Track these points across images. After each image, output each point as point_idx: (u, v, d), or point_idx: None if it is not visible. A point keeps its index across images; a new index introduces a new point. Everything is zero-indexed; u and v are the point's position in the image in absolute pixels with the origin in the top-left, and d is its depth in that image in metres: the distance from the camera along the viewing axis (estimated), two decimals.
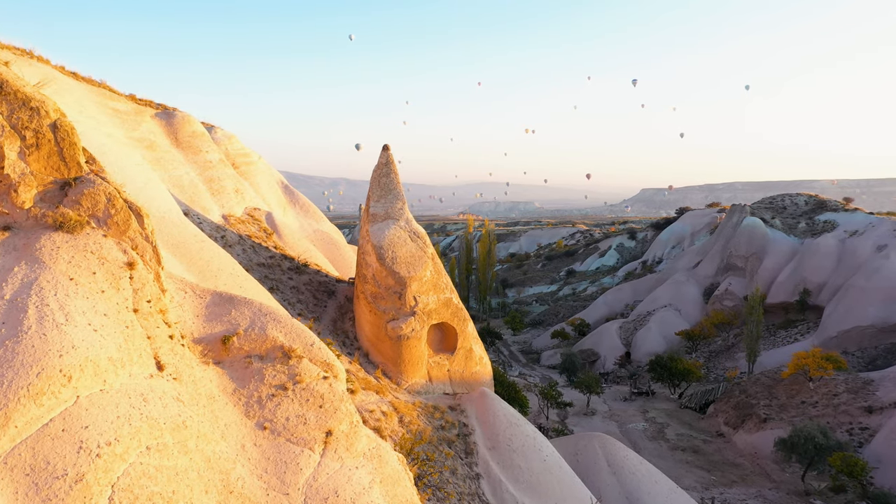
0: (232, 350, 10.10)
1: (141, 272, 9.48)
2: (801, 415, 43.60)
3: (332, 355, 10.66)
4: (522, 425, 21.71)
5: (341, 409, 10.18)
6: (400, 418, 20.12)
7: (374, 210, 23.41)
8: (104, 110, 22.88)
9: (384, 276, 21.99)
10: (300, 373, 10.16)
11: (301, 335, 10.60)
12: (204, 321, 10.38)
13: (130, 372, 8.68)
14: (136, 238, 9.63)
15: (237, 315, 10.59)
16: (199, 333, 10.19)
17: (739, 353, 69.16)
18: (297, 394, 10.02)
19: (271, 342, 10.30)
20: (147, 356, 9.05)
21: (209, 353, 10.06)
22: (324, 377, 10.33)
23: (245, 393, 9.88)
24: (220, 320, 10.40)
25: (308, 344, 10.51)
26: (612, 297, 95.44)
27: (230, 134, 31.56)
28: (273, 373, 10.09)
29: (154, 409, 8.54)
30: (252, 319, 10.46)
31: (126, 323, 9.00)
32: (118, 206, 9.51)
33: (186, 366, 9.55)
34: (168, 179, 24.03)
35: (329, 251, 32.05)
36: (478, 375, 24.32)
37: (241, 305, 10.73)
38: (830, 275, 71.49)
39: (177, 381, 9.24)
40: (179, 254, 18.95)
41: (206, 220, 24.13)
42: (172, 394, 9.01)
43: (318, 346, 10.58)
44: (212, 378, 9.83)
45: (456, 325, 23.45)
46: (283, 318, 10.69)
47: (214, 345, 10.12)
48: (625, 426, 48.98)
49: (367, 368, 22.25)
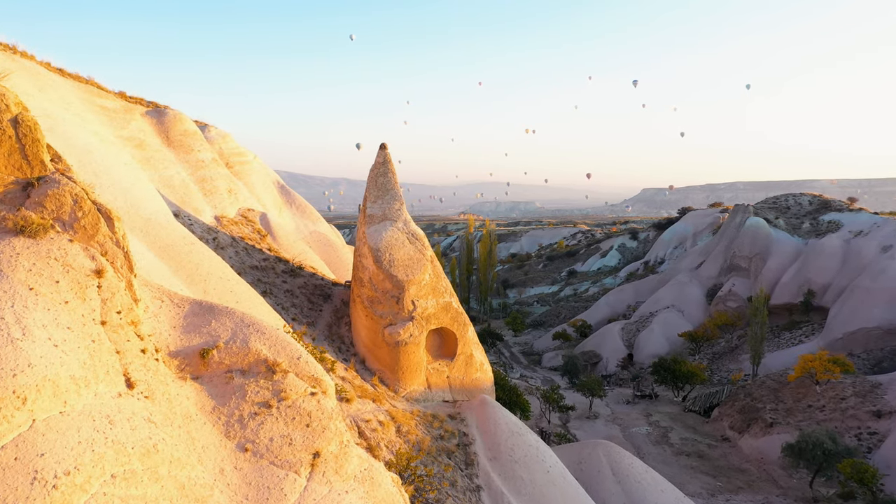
0: (211, 364, 9.32)
1: (111, 280, 8.69)
2: (808, 419, 42.78)
3: (320, 369, 9.87)
4: (525, 434, 20.91)
5: (330, 428, 9.39)
6: (397, 428, 19.34)
7: (371, 211, 22.61)
8: (91, 108, 22.11)
9: (381, 280, 21.19)
10: (285, 389, 9.37)
11: (287, 348, 9.80)
12: (181, 333, 9.59)
13: (95, 391, 7.89)
14: (106, 243, 8.84)
15: (218, 326, 9.79)
16: (175, 346, 9.40)
17: (743, 354, 68.35)
18: (282, 412, 9.22)
19: (254, 355, 9.51)
20: (115, 373, 8.26)
21: (186, 368, 9.27)
22: (311, 393, 9.54)
23: (225, 411, 9.09)
24: (199, 332, 9.61)
25: (294, 357, 9.72)
26: (613, 297, 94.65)
27: (224, 132, 30.77)
28: (256, 389, 9.30)
29: (121, 432, 7.74)
30: (234, 331, 9.67)
31: (92, 337, 8.20)
32: (86, 208, 8.72)
33: (160, 382, 8.75)
34: (158, 179, 23.26)
35: (326, 253, 31.25)
36: (478, 382, 23.52)
37: (222, 315, 9.93)
38: (835, 276, 70.69)
39: (149, 400, 8.45)
40: (167, 257, 18.18)
41: (198, 221, 23.35)
42: (143, 414, 8.22)
43: (305, 359, 9.79)
44: (189, 395, 9.04)
45: (456, 331, 22.65)
46: (267, 330, 9.89)
47: (192, 359, 9.33)
48: (628, 430, 48.18)
49: (364, 375, 21.46)
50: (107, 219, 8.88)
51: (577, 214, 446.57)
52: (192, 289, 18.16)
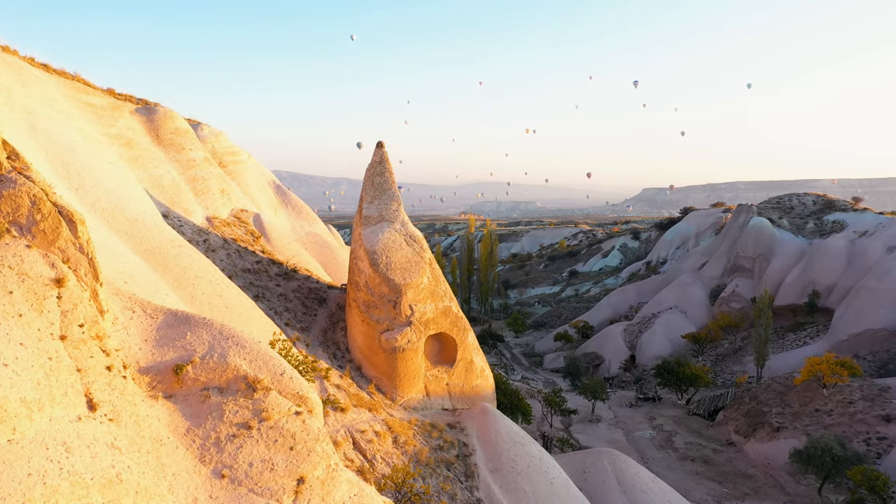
0: (186, 381, 8.51)
1: (72, 290, 7.88)
2: (816, 423, 41.89)
3: (306, 386, 9.05)
4: (527, 444, 20.07)
5: (316, 451, 8.58)
6: (394, 438, 18.52)
7: (368, 212, 21.78)
8: (77, 105, 21.29)
9: (378, 284, 20.36)
10: (267, 408, 8.56)
11: (269, 362, 8.99)
12: (153, 346, 8.78)
13: (51, 415, 7.08)
14: (68, 249, 8.02)
15: (193, 339, 8.98)
16: (146, 362, 8.60)
17: (747, 356, 67.48)
18: (264, 433, 8.42)
19: (233, 371, 8.70)
20: (75, 393, 7.44)
21: (158, 386, 8.47)
22: (296, 413, 8.73)
23: (200, 433, 8.28)
24: (173, 345, 8.80)
25: (277, 373, 8.91)
26: (615, 298, 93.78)
27: (218, 131, 29.92)
28: (234, 408, 8.49)
29: (79, 460, 6.93)
30: (211, 344, 8.86)
31: (49, 353, 7.38)
32: (45, 210, 7.90)
33: (128, 403, 7.94)
34: (147, 179, 22.44)
35: (322, 255, 30.42)
36: (479, 389, 22.69)
37: (199, 327, 9.12)
38: (840, 276, 69.83)
39: (113, 423, 7.63)
40: (153, 260, 17.36)
41: (188, 222, 22.53)
42: (106, 439, 7.40)
43: (289, 375, 8.97)
44: (160, 416, 8.23)
45: (455, 336, 21.82)
46: (248, 343, 9.08)
47: (165, 375, 8.53)
48: (631, 434, 47.30)
49: (360, 383, 20.64)
50: (69, 222, 8.07)
51: (578, 214, 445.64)
52: (179, 293, 17.34)
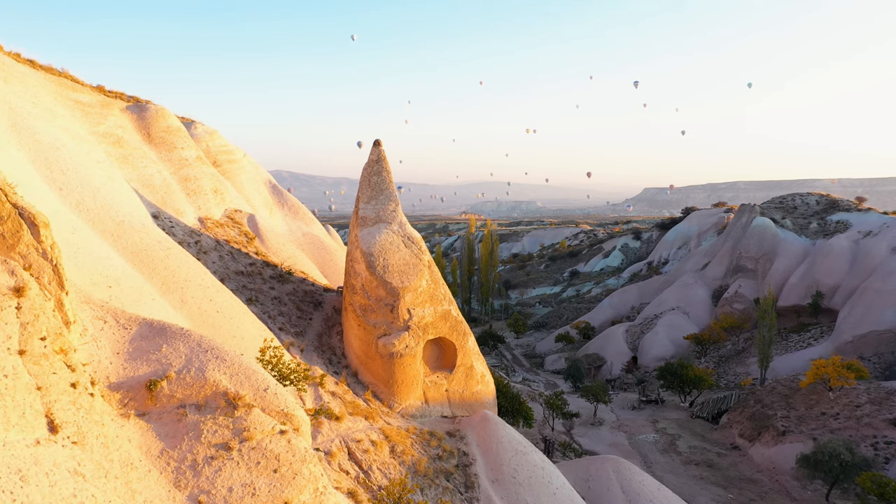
0: (160, 398, 7.84)
1: (34, 300, 7.19)
2: (822, 427, 41.18)
3: (292, 402, 8.37)
4: (529, 453, 19.38)
5: (302, 474, 7.89)
6: (391, 448, 17.82)
7: (364, 212, 21.07)
8: (64, 102, 20.60)
9: (375, 287, 19.66)
10: (249, 427, 7.88)
11: (251, 377, 8.30)
12: (126, 360, 8.10)
13: (4, 440, 6.38)
14: (30, 254, 7.34)
15: (170, 352, 8.30)
16: (118, 377, 7.92)
17: (751, 357, 66.76)
18: (245, 455, 7.73)
19: (212, 387, 8.03)
20: (34, 415, 6.75)
21: (130, 403, 7.79)
22: (280, 431, 8.05)
23: (175, 455, 7.61)
24: (147, 359, 8.12)
25: (260, 388, 8.22)
26: (617, 299, 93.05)
27: (212, 129, 29.22)
28: (213, 427, 7.82)
29: (36, 490, 6.24)
30: (188, 357, 8.18)
31: (5, 370, 6.69)
32: (4, 212, 7.22)
33: (94, 423, 7.25)
34: (137, 179, 21.75)
35: (319, 256, 29.72)
36: (479, 395, 21.99)
37: (176, 339, 8.43)
38: (844, 277, 69.10)
39: (77, 447, 6.94)
40: (140, 263, 16.66)
41: (179, 223, 21.84)
42: (68, 465, 6.71)
43: (273, 390, 8.29)
44: (131, 437, 7.55)
45: (455, 340, 21.12)
46: (228, 356, 8.39)
47: (138, 392, 7.86)
48: (634, 438, 46.62)
49: (356, 389, 19.95)
50: (31, 225, 7.38)
51: (579, 214, 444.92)
52: (167, 298, 16.66)
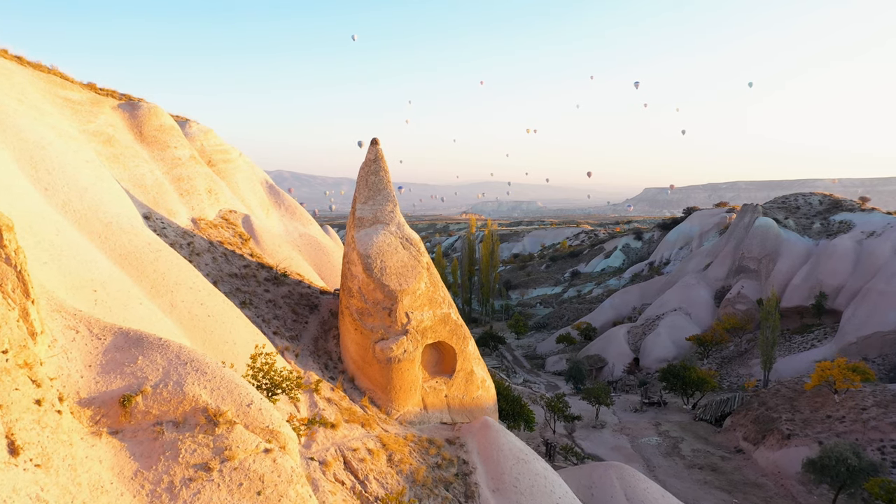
0: (135, 415, 7.28)
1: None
2: (828, 431, 40.57)
3: (277, 418, 7.80)
4: (531, 461, 18.80)
5: (289, 496, 7.34)
6: (389, 457, 17.25)
7: (361, 213, 20.50)
8: (52, 99, 20.04)
9: (372, 290, 19.09)
10: (231, 445, 7.32)
11: (234, 391, 7.74)
12: (98, 374, 7.55)
13: None
14: None
15: (146, 364, 7.74)
16: (89, 392, 7.37)
17: (753, 359, 66.17)
18: (226, 476, 7.18)
19: (191, 402, 7.47)
20: None
21: (102, 421, 7.23)
22: (265, 450, 7.49)
23: (151, 477, 7.05)
24: (122, 372, 7.57)
25: (243, 403, 7.66)
26: (618, 299, 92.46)
27: (206, 128, 28.66)
28: (192, 446, 7.26)
29: None
30: (166, 370, 7.62)
31: None
32: None
33: (61, 443, 6.67)
34: (128, 179, 21.19)
35: (316, 257, 29.16)
36: (479, 401, 21.41)
37: (153, 350, 7.87)
38: (848, 278, 68.48)
39: (41, 470, 6.36)
40: (128, 265, 16.10)
41: (172, 224, 21.27)
42: (30, 490, 6.13)
43: (257, 406, 7.72)
44: (103, 457, 6.99)
45: (455, 345, 20.55)
46: (209, 368, 7.82)
47: (111, 408, 7.30)
48: (637, 441, 46.02)
49: (353, 395, 19.38)
50: None
51: (580, 214, 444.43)
52: (156, 301, 16.11)
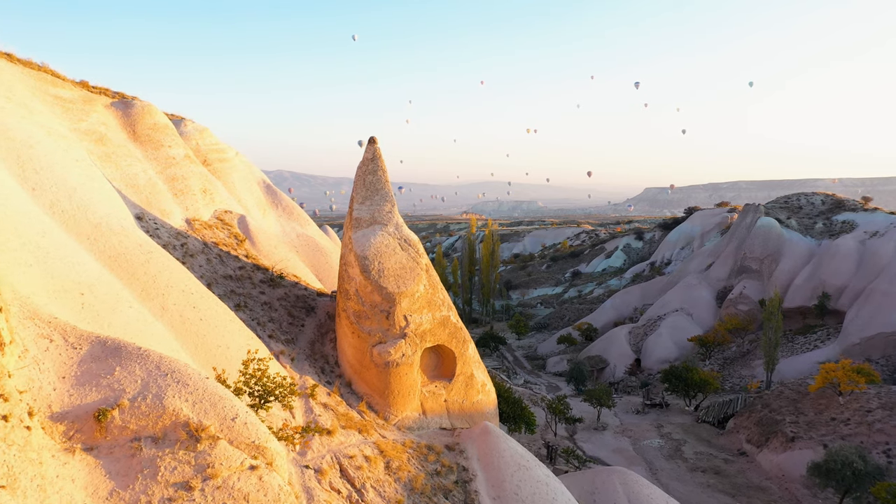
0: (111, 430, 6.83)
1: None
2: (832, 433, 40.10)
3: (264, 432, 7.33)
4: (533, 468, 18.34)
5: None
6: (386, 464, 16.79)
7: (359, 214, 20.05)
8: (42, 97, 19.61)
9: (369, 292, 18.64)
10: (213, 462, 6.86)
11: (217, 404, 7.27)
12: (73, 386, 7.09)
13: None
14: None
15: (123, 375, 7.28)
16: (63, 405, 6.91)
17: (756, 360, 65.70)
18: (208, 495, 6.71)
19: (171, 416, 7.01)
20: None
21: (76, 436, 6.78)
22: (251, 467, 7.02)
23: (128, 497, 6.59)
24: (98, 384, 7.10)
25: (227, 418, 7.20)
26: (620, 300, 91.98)
27: (202, 127, 28.22)
28: (172, 464, 6.80)
29: None
30: (144, 382, 7.16)
31: None
32: None
33: (30, 462, 6.20)
34: (120, 178, 20.75)
35: (314, 259, 28.71)
36: (480, 406, 20.96)
37: (131, 360, 7.40)
38: (851, 278, 67.97)
39: (7, 491, 5.88)
40: (118, 268, 15.65)
41: (165, 225, 20.83)
42: None
43: (242, 420, 7.25)
44: (76, 476, 6.53)
45: (454, 348, 20.10)
46: (191, 380, 7.35)
47: (85, 423, 6.85)
48: (639, 443, 45.56)
49: (350, 400, 18.93)
50: None
51: (580, 214, 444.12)
52: (147, 305, 15.66)
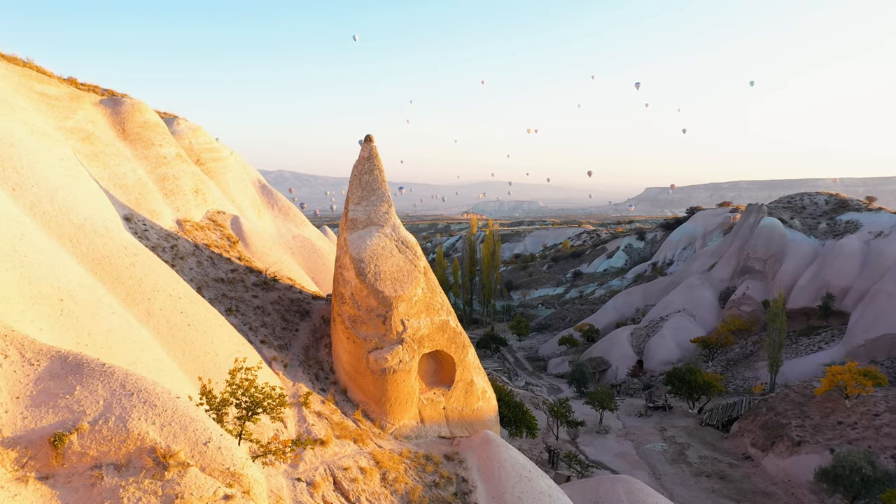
0: (69, 457, 6.16)
1: None
2: (839, 437, 39.36)
3: (240, 457, 6.65)
4: (535, 479, 17.65)
5: None
6: (382, 475, 16.11)
7: (354, 214, 19.35)
8: (26, 94, 18.93)
9: (365, 296, 17.95)
10: (183, 492, 6.19)
11: (188, 427, 6.59)
12: (27, 407, 6.41)
13: None
14: None
15: (84, 395, 6.61)
16: (15, 429, 6.23)
17: (759, 361, 64.92)
18: None
19: (136, 441, 6.34)
20: None
21: (30, 464, 6.11)
22: (225, 497, 6.35)
23: None
24: (55, 405, 6.43)
25: (199, 442, 6.52)
26: (621, 301, 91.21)
27: (195, 126, 27.54)
28: (137, 494, 6.13)
29: None
30: (107, 402, 6.49)
31: None
32: None
33: None
34: (108, 178, 20.07)
35: (310, 260, 28.02)
36: (480, 413, 20.26)
37: (94, 378, 6.73)
38: (855, 278, 67.21)
39: None
40: (102, 271, 14.97)
41: (154, 226, 20.15)
42: None
43: (216, 444, 6.58)
44: None
45: (453, 354, 19.41)
46: (159, 400, 6.67)
47: (40, 448, 6.18)
48: (642, 447, 44.86)
49: (345, 408, 18.25)
50: None
51: (581, 214, 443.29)
52: (132, 310, 14.99)
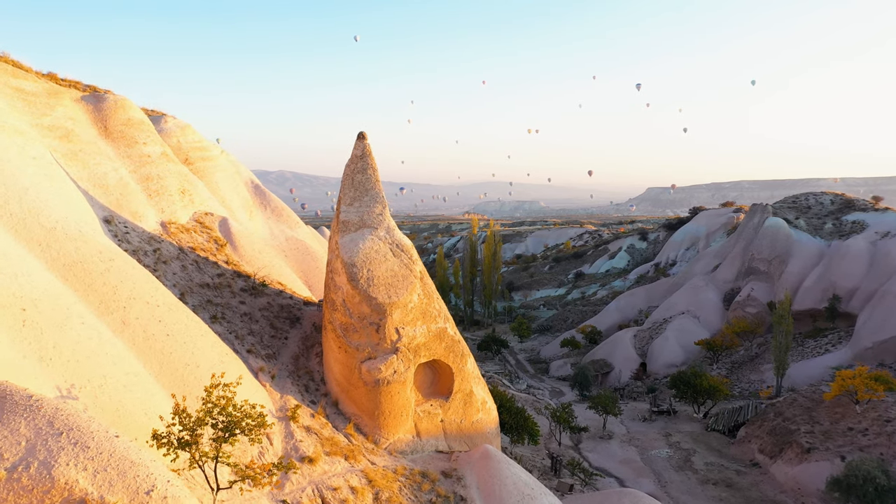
0: None
1: None
2: (850, 444, 38.25)
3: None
4: (538, 497, 16.61)
5: None
6: (375, 495, 15.06)
7: (346, 216, 18.31)
8: (0, 89, 17.92)
9: (357, 303, 16.92)
10: None
11: (127, 473, 5.57)
12: None
13: None
14: None
15: (3, 435, 5.59)
16: None
17: (765, 364, 63.87)
18: None
19: (62, 491, 5.33)
20: None
21: None
22: None
23: None
24: None
25: (141, 491, 5.50)
26: (624, 302, 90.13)
27: (184, 124, 26.53)
28: None
29: None
30: (30, 444, 5.49)
31: None
32: None
33: None
34: (87, 178, 19.06)
35: (304, 263, 27.00)
36: (480, 426, 19.22)
37: (16, 414, 5.70)
38: (862, 280, 66.11)
39: None
40: (73, 278, 13.93)
41: (137, 228, 19.13)
42: None
43: (161, 492, 5.55)
44: None
45: (451, 363, 18.37)
46: (94, 440, 5.65)
47: None
48: (646, 453, 43.78)
49: (336, 422, 17.21)
50: None
51: (582, 214, 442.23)
52: (105, 319, 13.95)
